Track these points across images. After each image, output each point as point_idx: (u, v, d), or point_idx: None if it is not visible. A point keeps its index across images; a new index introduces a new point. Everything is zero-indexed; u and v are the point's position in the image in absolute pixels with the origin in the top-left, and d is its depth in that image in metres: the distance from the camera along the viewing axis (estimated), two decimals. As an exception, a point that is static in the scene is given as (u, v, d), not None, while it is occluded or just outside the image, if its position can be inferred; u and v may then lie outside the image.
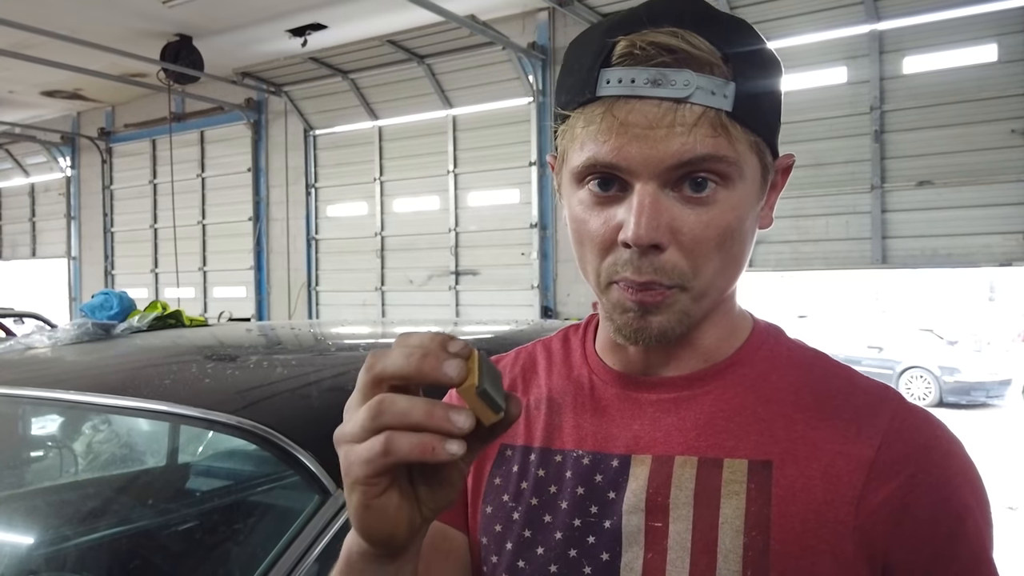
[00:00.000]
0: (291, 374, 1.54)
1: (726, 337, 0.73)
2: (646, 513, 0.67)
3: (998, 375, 11.88)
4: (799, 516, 0.63)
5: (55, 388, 1.41)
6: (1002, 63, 5.92)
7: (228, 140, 10.20)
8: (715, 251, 0.64)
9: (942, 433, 0.66)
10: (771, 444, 0.66)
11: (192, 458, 1.79)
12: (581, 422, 0.73)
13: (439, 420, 0.50)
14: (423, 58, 8.18)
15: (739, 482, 0.65)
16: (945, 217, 6.15)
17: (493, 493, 0.75)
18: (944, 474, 0.64)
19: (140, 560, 1.38)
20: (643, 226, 0.61)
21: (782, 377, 0.70)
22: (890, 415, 0.66)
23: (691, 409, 0.70)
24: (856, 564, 0.63)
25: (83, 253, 12.05)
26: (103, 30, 7.69)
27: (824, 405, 0.67)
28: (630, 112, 0.62)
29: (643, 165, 0.62)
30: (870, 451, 0.64)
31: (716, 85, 0.61)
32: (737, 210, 0.65)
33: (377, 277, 9.07)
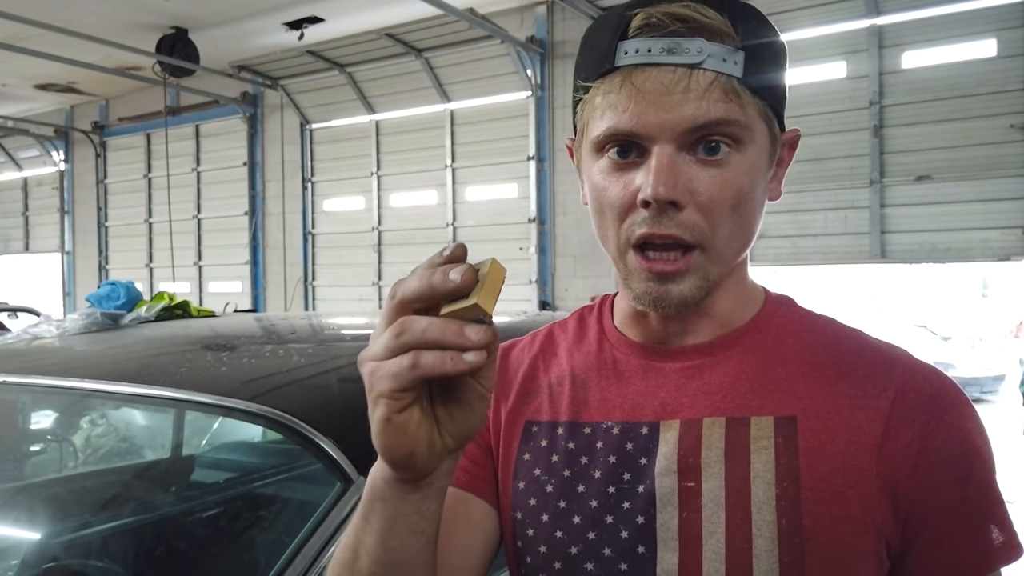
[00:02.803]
0: (307, 362, 1.53)
1: (740, 304, 0.76)
2: (679, 474, 0.70)
3: (992, 370, 11.96)
4: (826, 465, 0.67)
5: (71, 377, 1.40)
6: (1001, 58, 5.93)
7: (224, 134, 10.14)
8: (730, 212, 0.68)
9: (949, 384, 0.71)
10: (794, 401, 0.70)
11: (214, 446, 1.77)
12: (607, 394, 0.76)
13: (454, 335, 0.51)
14: (421, 52, 8.15)
15: (767, 437, 0.69)
16: (944, 212, 6.16)
17: (524, 469, 0.77)
18: (955, 421, 0.69)
19: (164, 548, 1.37)
20: (661, 184, 0.65)
21: (798, 340, 0.74)
22: (902, 369, 0.71)
23: (714, 374, 0.73)
24: (881, 505, 0.67)
25: (77, 247, 11.97)
26: (98, 22, 7.62)
27: (840, 363, 0.72)
28: (647, 79, 0.65)
29: (660, 129, 0.65)
30: (886, 402, 0.69)
31: (727, 52, 0.66)
32: (749, 173, 0.69)
33: (374, 272, 9.04)
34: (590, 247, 7.58)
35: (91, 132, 11.38)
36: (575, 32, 7.57)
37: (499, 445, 0.80)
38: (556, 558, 0.73)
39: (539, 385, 0.81)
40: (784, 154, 0.77)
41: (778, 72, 0.72)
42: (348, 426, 1.33)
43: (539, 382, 0.81)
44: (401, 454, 0.56)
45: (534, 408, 0.79)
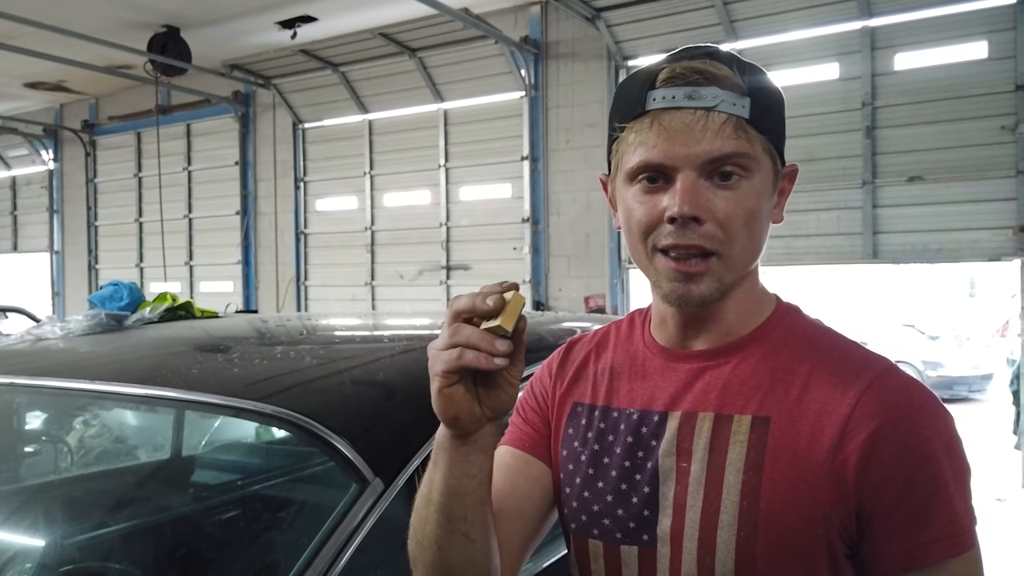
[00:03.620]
0: (320, 363, 1.53)
1: (746, 314, 0.91)
2: (676, 456, 0.86)
3: (980, 369, 12.05)
4: (786, 460, 0.81)
5: (82, 378, 1.39)
6: (992, 60, 5.98)
7: (215, 133, 10.09)
8: (743, 227, 0.83)
9: (917, 396, 0.82)
10: (772, 404, 0.84)
11: (232, 447, 1.77)
12: (634, 386, 0.94)
13: (488, 344, 0.76)
14: (415, 51, 8.14)
15: (743, 433, 0.84)
16: (935, 212, 6.21)
17: (567, 440, 0.97)
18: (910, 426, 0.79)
19: (182, 549, 1.37)
20: (686, 204, 0.81)
21: (793, 350, 0.88)
22: (871, 378, 0.82)
23: (714, 376, 0.88)
24: (830, 498, 0.79)
25: (66, 247, 11.88)
26: (89, 20, 7.57)
27: (820, 373, 0.84)
28: (672, 120, 0.82)
29: (684, 160, 0.81)
30: (847, 408, 0.80)
31: (736, 98, 0.82)
32: (757, 196, 0.84)
33: (367, 272, 9.02)
34: (583, 247, 7.59)
35: (81, 131, 11.30)
36: (569, 32, 7.58)
37: (553, 417, 1.00)
38: (583, 512, 0.93)
39: (588, 373, 1.00)
40: (785, 185, 0.92)
41: (778, 115, 0.88)
42: (363, 427, 1.33)
43: (588, 371, 1.00)
44: (449, 416, 0.79)
45: (581, 391, 0.99)
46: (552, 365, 1.05)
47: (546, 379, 1.04)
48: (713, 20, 6.72)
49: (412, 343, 1.73)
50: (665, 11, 6.86)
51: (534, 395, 1.04)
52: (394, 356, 1.58)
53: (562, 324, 2.36)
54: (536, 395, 1.03)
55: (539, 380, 1.05)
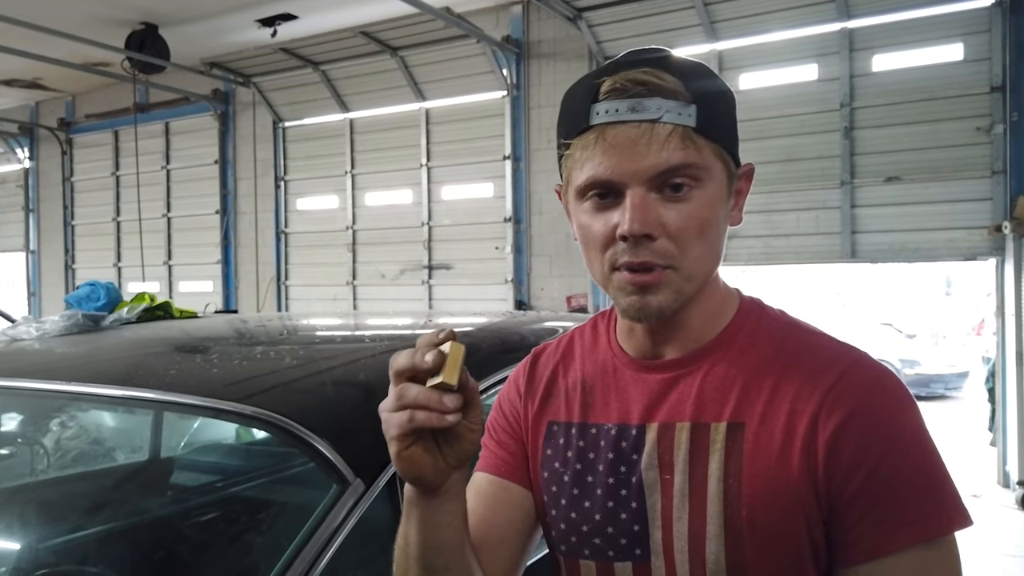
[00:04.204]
0: (300, 363, 1.52)
1: (711, 319, 0.89)
2: (659, 469, 0.86)
3: (956, 367, 12.21)
4: (763, 465, 0.81)
5: (57, 380, 1.37)
6: (967, 62, 6.06)
7: (194, 131, 10.00)
8: (696, 239, 0.82)
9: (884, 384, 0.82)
10: (746, 409, 0.83)
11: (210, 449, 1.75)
12: (608, 400, 0.92)
13: (437, 402, 0.73)
14: (396, 50, 8.11)
15: (720, 441, 0.83)
16: (912, 212, 6.28)
17: (547, 462, 0.95)
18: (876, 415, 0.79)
19: (160, 552, 1.35)
20: (636, 220, 0.79)
21: (759, 351, 0.87)
22: (837, 374, 0.82)
23: (686, 384, 0.87)
24: (807, 497, 0.79)
25: (42, 246, 11.71)
26: (65, 17, 7.47)
27: (790, 371, 0.84)
28: (616, 134, 0.80)
29: (631, 176, 0.80)
30: (815, 406, 0.80)
31: (681, 107, 0.80)
32: (710, 206, 0.82)
33: (348, 271, 8.98)
34: (565, 247, 7.60)
35: (57, 129, 11.15)
36: (551, 32, 7.59)
37: (528, 439, 0.98)
38: (572, 534, 0.91)
39: (559, 389, 0.98)
40: (742, 185, 0.89)
41: (728, 117, 0.85)
42: (343, 427, 1.33)
43: (559, 386, 0.98)
44: (412, 476, 0.78)
45: (554, 409, 0.97)
46: (519, 381, 1.02)
47: (515, 397, 1.01)
48: (693, 21, 6.75)
49: (393, 343, 1.72)
50: (646, 11, 6.89)
51: (504, 416, 1.01)
52: (375, 356, 1.57)
53: (544, 324, 2.36)
54: (507, 415, 1.01)
55: (507, 399, 1.02)
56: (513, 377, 1.03)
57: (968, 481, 6.61)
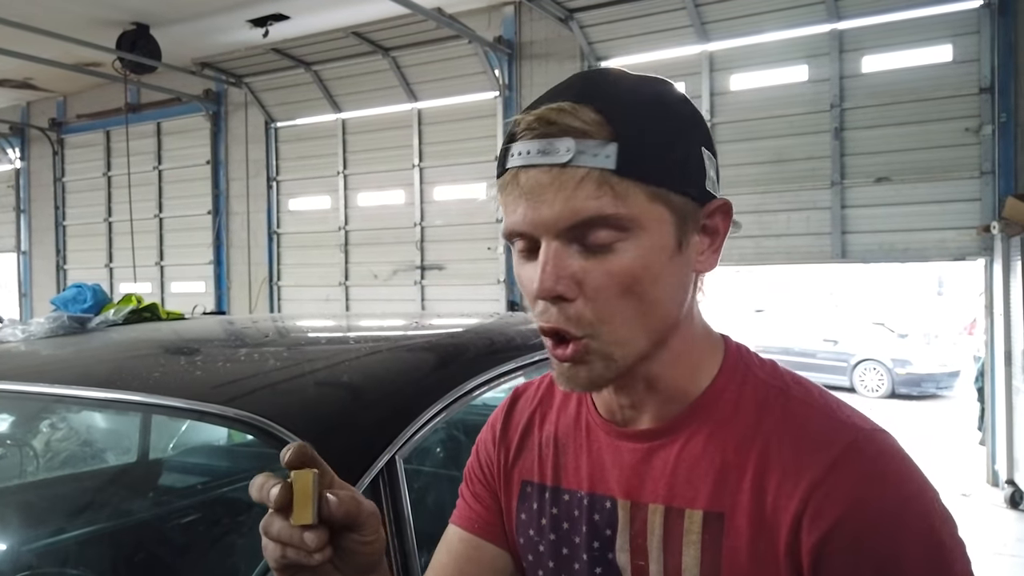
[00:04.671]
0: (281, 365, 1.53)
1: (689, 376, 0.77)
2: (631, 553, 0.77)
3: (947, 367, 12.28)
4: (744, 565, 0.70)
5: (40, 382, 1.37)
6: (956, 63, 6.09)
7: (186, 132, 9.98)
8: (619, 298, 0.70)
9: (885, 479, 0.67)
10: (724, 495, 0.72)
11: (189, 450, 1.76)
12: (580, 463, 0.83)
13: (299, 542, 0.64)
14: (388, 51, 8.11)
15: (696, 532, 0.73)
16: (902, 213, 6.31)
17: (522, 527, 0.87)
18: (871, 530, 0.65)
19: (141, 553, 1.36)
20: (546, 279, 0.69)
21: (743, 420, 0.74)
22: (828, 462, 0.68)
23: (659, 459, 0.77)
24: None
25: (33, 247, 11.68)
26: (56, 17, 7.45)
27: (775, 453, 0.71)
28: (528, 179, 0.70)
29: (543, 228, 0.70)
30: (798, 504, 0.68)
31: (596, 147, 0.68)
32: (641, 258, 0.70)
33: (341, 272, 8.97)
34: (558, 247, 7.60)
35: (48, 129, 11.11)
36: (543, 33, 7.60)
37: (502, 495, 0.90)
38: None
39: (532, 443, 0.89)
40: (716, 223, 0.76)
41: (675, 151, 0.71)
42: (323, 429, 1.33)
43: (533, 439, 0.89)
44: None
45: (527, 467, 0.88)
46: (496, 427, 0.93)
47: (490, 445, 0.92)
48: (684, 22, 6.78)
49: (377, 344, 1.73)
50: (638, 12, 6.91)
51: (480, 465, 0.93)
52: (358, 358, 1.58)
53: (532, 325, 2.37)
54: (482, 464, 0.93)
55: (484, 445, 0.94)
56: (492, 420, 0.94)
57: (958, 480, 6.64)
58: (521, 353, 1.68)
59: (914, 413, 10.83)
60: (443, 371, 1.55)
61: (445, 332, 1.99)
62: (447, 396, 1.39)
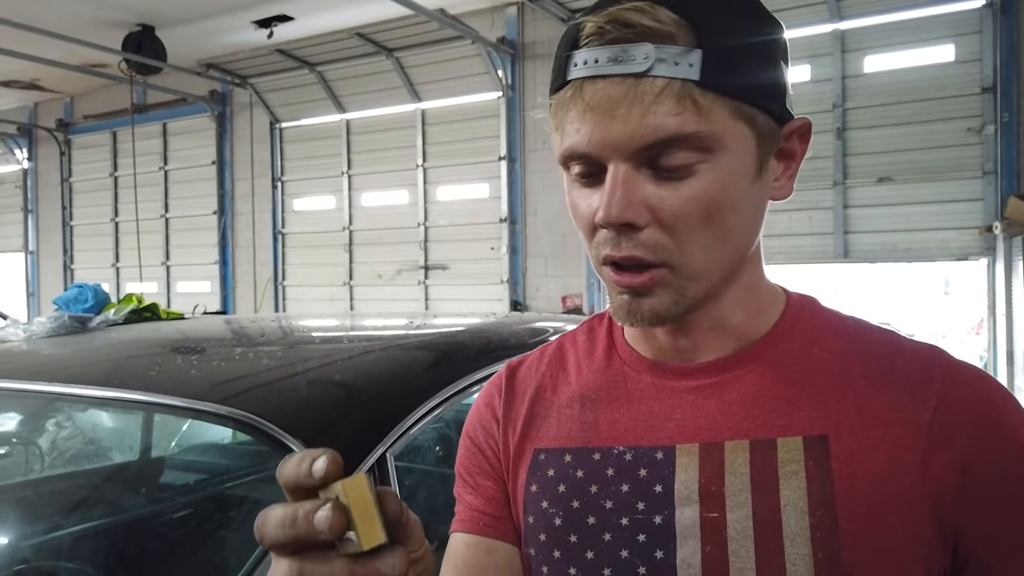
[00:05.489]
0: (276, 364, 1.55)
1: (756, 313, 0.71)
2: (700, 504, 0.64)
3: (953, 367, 12.22)
4: (864, 490, 0.61)
5: (40, 380, 1.40)
6: (959, 63, 6.09)
7: (192, 132, 10.04)
8: (700, 226, 0.63)
9: (996, 389, 0.64)
10: (824, 418, 0.64)
11: (185, 449, 1.78)
12: (617, 416, 0.70)
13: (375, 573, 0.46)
14: (392, 51, 8.14)
15: (796, 461, 0.63)
16: (904, 213, 6.31)
17: (533, 502, 0.72)
18: (1004, 432, 0.62)
19: (135, 549, 1.39)
20: (613, 206, 0.61)
21: (825, 348, 0.68)
22: (941, 375, 0.64)
23: (734, 391, 0.67)
24: (928, 532, 0.61)
25: (41, 247, 11.76)
26: (62, 19, 7.51)
27: (873, 372, 0.65)
28: (595, 93, 0.61)
29: (611, 149, 0.61)
30: (927, 415, 0.62)
31: (678, 55, 0.59)
32: (723, 181, 0.63)
33: (345, 272, 9.01)
34: (561, 247, 7.63)
35: (55, 130, 11.19)
36: (545, 33, 7.62)
37: (509, 478, 0.75)
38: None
39: (547, 408, 0.76)
40: (793, 146, 0.71)
41: (762, 59, 0.64)
42: (317, 427, 1.36)
43: (547, 405, 0.76)
44: None
45: (542, 434, 0.74)
46: (494, 404, 0.79)
47: (490, 424, 0.78)
48: (687, 22, 6.78)
49: (371, 344, 1.75)
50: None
51: (479, 450, 0.78)
52: (352, 357, 1.60)
53: (528, 324, 2.39)
54: (481, 449, 0.78)
55: (480, 428, 0.79)
56: (485, 400, 0.80)
57: None
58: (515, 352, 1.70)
59: None
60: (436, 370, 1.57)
61: (439, 332, 2.02)
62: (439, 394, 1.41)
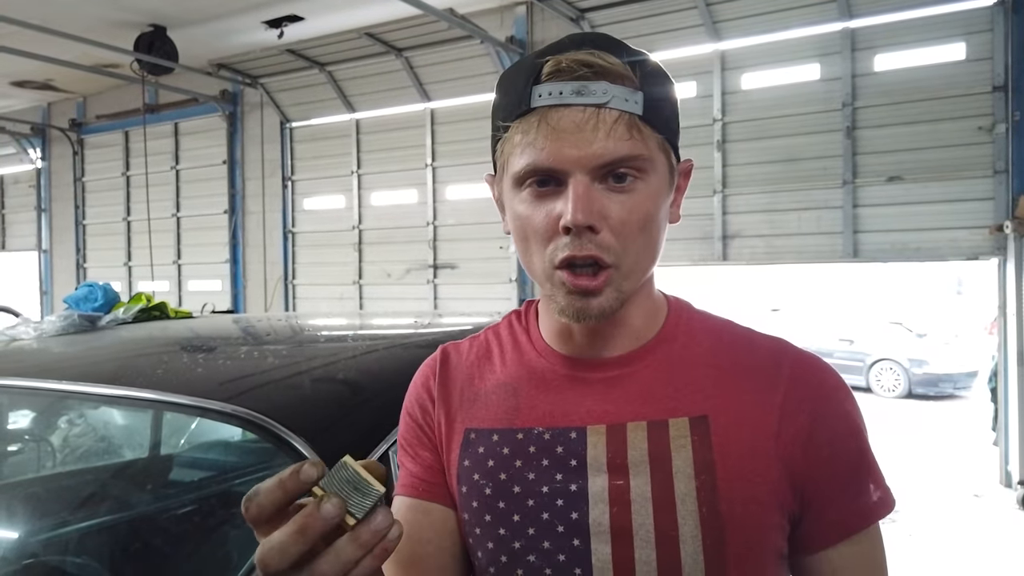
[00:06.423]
0: (282, 363, 1.58)
1: (650, 317, 0.86)
2: (608, 474, 0.78)
3: (965, 367, 12.14)
4: (735, 456, 0.78)
5: (49, 378, 1.43)
6: (969, 61, 6.05)
7: (203, 132, 10.11)
8: (638, 233, 0.77)
9: (830, 373, 0.83)
10: (703, 401, 0.80)
11: (190, 446, 1.81)
12: (537, 402, 0.84)
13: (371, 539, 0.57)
14: (401, 51, 8.17)
15: (684, 436, 0.79)
16: (914, 212, 6.28)
17: (465, 475, 0.85)
18: (837, 406, 0.81)
19: (141, 545, 1.41)
20: (580, 211, 0.73)
21: (700, 345, 0.85)
22: (789, 363, 0.82)
23: (633, 382, 0.82)
24: (782, 485, 0.78)
25: (54, 246, 11.87)
26: (75, 20, 7.58)
27: (737, 363, 0.83)
28: (560, 118, 0.74)
29: (575, 163, 0.74)
30: (779, 396, 0.80)
31: (628, 93, 0.75)
32: (653, 198, 0.78)
33: (354, 271, 9.05)
34: (569, 246, 7.63)
35: (68, 130, 11.29)
36: (554, 32, 7.62)
37: (443, 450, 0.88)
38: (502, 553, 0.82)
39: (476, 393, 0.89)
40: (681, 182, 0.85)
41: (672, 109, 0.80)
42: (320, 426, 1.38)
43: (476, 389, 0.89)
44: None
45: (472, 415, 0.87)
46: (429, 384, 0.92)
47: (426, 402, 0.91)
48: (696, 21, 6.78)
49: (375, 343, 1.77)
50: (649, 12, 6.92)
51: (417, 424, 0.91)
52: (356, 356, 1.62)
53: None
54: (419, 424, 0.90)
55: (417, 404, 0.92)
56: (421, 380, 0.93)
57: (970, 481, 6.60)
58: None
59: (930, 413, 10.74)
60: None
61: (444, 330, 2.04)
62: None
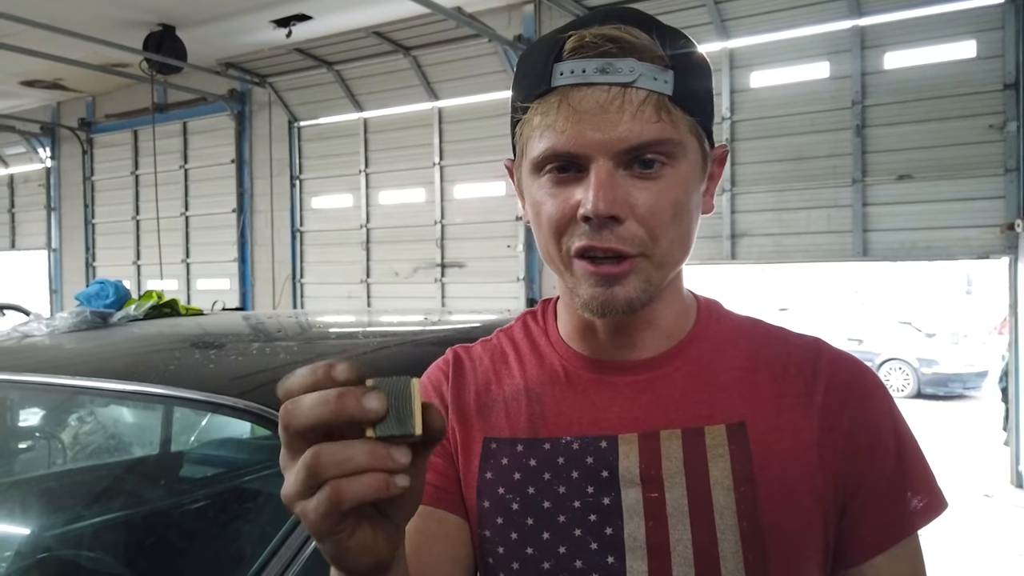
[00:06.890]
0: (293, 359, 1.58)
1: (681, 314, 0.80)
2: (642, 486, 0.73)
3: (975, 367, 12.09)
4: (776, 465, 0.72)
5: (62, 374, 1.43)
6: (980, 59, 6.02)
7: (211, 131, 10.14)
8: (670, 222, 0.70)
9: (867, 372, 0.79)
10: (740, 407, 0.75)
11: (203, 442, 1.81)
12: (563, 409, 0.78)
13: (383, 460, 0.49)
14: (409, 50, 8.18)
15: (721, 445, 0.73)
16: (924, 211, 6.25)
17: (488, 488, 0.78)
18: (877, 406, 0.76)
19: (154, 540, 1.41)
20: (601, 199, 0.67)
21: (734, 346, 0.79)
22: (826, 364, 0.77)
23: (665, 386, 0.77)
24: (825, 493, 0.73)
25: (64, 245, 11.93)
26: (84, 19, 7.61)
27: (773, 365, 0.78)
28: (583, 99, 0.68)
29: (598, 148, 0.68)
30: (819, 398, 0.75)
31: (657, 71, 0.69)
32: (684, 185, 0.71)
33: (362, 269, 9.07)
34: (577, 245, 7.63)
35: (78, 129, 11.34)
36: (562, 31, 7.62)
37: (460, 461, 0.80)
38: (529, 573, 0.75)
39: (494, 399, 0.81)
40: (715, 169, 0.78)
41: (706, 90, 0.74)
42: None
43: (493, 396, 0.82)
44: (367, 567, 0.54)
45: (491, 424, 0.80)
46: (442, 389, 0.84)
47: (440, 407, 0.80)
48: (704, 19, 6.76)
49: (386, 340, 1.77)
50: (656, 10, 6.90)
51: None
52: (367, 353, 1.62)
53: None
54: None
55: None
56: (433, 384, 0.84)
57: (981, 481, 6.57)
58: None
59: (939, 413, 10.70)
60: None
61: (454, 328, 2.04)
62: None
